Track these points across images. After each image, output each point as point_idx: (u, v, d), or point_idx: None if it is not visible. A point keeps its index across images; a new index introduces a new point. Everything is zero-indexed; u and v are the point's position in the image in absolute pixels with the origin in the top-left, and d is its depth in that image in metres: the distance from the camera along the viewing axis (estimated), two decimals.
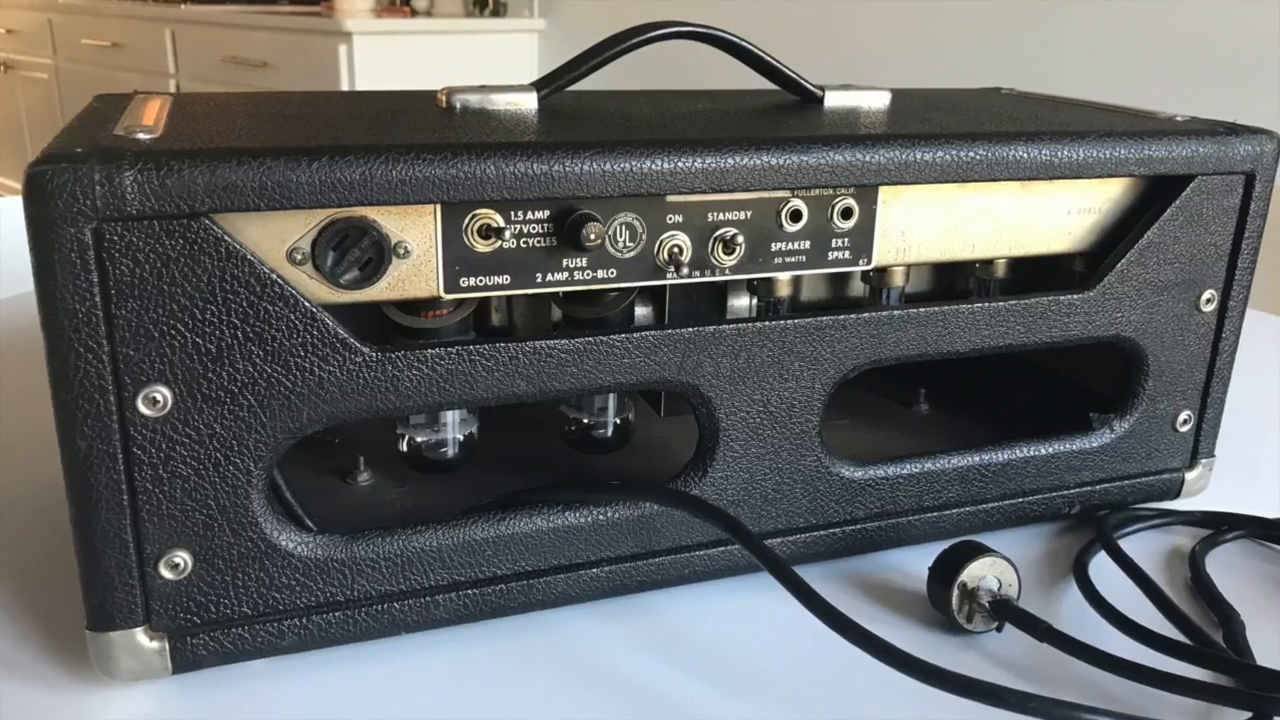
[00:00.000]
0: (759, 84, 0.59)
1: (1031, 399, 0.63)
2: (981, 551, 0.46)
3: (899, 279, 0.53)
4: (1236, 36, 1.65)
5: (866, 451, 0.53)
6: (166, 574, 0.40)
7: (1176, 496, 0.58)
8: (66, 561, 0.49)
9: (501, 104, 0.50)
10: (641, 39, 0.51)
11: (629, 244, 0.44)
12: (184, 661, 0.41)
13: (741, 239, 0.45)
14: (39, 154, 0.36)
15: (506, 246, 0.42)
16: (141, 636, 0.40)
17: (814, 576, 0.46)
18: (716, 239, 0.45)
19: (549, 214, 0.42)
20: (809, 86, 0.56)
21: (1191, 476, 0.58)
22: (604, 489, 0.48)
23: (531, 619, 0.47)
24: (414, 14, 2.90)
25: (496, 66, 2.77)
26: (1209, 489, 0.59)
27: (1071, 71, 1.87)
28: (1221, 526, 0.55)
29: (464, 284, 0.42)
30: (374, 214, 0.40)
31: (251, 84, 2.82)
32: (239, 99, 0.52)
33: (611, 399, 0.53)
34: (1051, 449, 0.54)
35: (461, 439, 0.51)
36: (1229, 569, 0.52)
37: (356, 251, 0.40)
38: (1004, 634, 0.46)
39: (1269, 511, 0.57)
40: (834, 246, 0.47)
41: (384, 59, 2.60)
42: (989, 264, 0.55)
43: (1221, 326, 0.55)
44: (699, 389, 0.46)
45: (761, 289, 0.51)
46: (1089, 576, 0.49)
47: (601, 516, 0.46)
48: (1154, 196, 0.53)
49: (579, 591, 0.47)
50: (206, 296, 0.37)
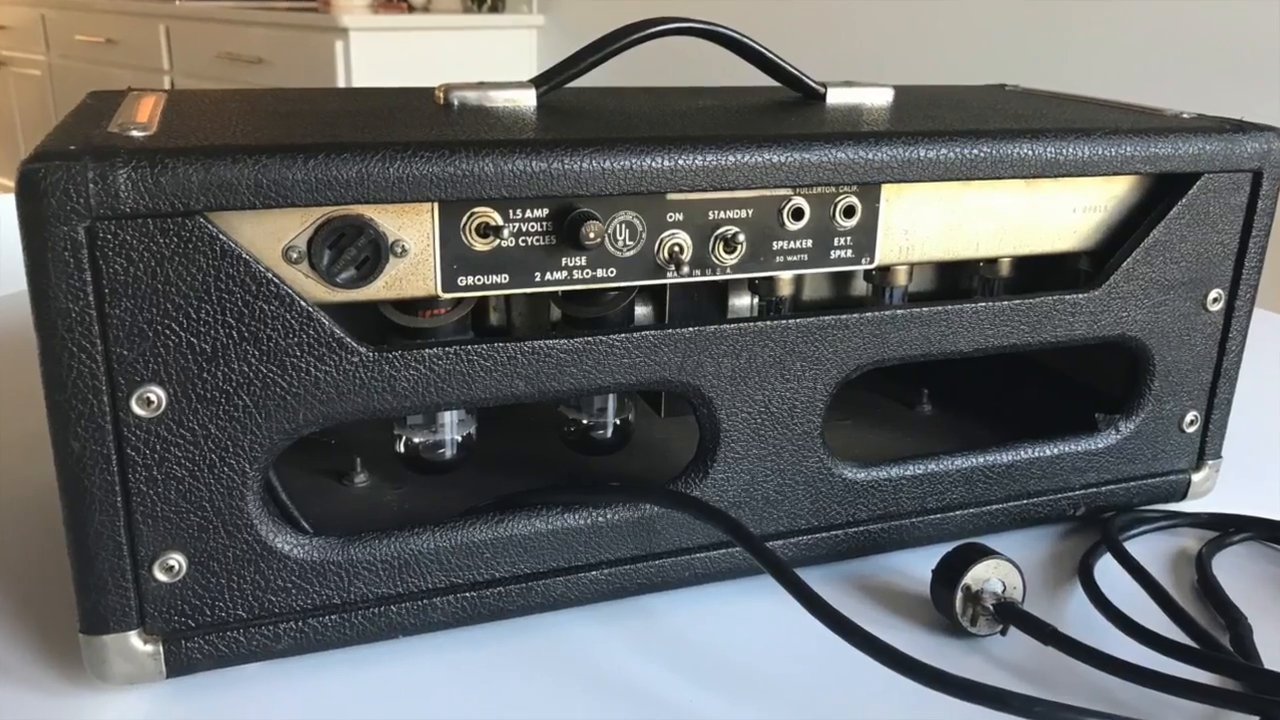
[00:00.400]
0: (760, 81, 0.59)
1: (1036, 399, 0.63)
2: (985, 554, 0.46)
3: (902, 278, 0.53)
4: (1244, 32, 1.65)
5: (869, 453, 0.53)
6: (161, 576, 0.40)
7: (1183, 498, 0.58)
8: (60, 563, 0.49)
9: (500, 101, 0.50)
10: (641, 35, 0.51)
11: (629, 243, 0.44)
12: (178, 665, 0.41)
13: (743, 237, 0.45)
14: (32, 152, 0.36)
15: (505, 245, 0.42)
16: (135, 640, 0.40)
17: (816, 579, 0.46)
18: (717, 237, 0.45)
19: (548, 212, 0.42)
20: (811, 83, 0.56)
21: (1198, 478, 0.58)
22: (604, 490, 0.48)
23: (530, 622, 0.47)
24: (411, 10, 2.90)
25: (495, 63, 2.77)
26: (1216, 490, 0.59)
27: (1076, 68, 1.87)
28: (1228, 528, 0.55)
29: (462, 283, 0.42)
30: (371, 212, 0.40)
31: (247, 81, 2.82)
32: (234, 96, 0.52)
33: (611, 399, 0.53)
34: (1056, 450, 0.54)
35: (459, 440, 0.51)
36: (1236, 571, 0.52)
37: (353, 250, 0.40)
38: (1008, 637, 0.46)
39: (1276, 513, 0.57)
40: (836, 245, 0.47)
41: (381, 55, 2.60)
42: (993, 263, 0.55)
43: (1228, 326, 0.55)
44: (700, 389, 0.46)
45: (763, 288, 0.51)
46: (1094, 579, 0.49)
47: (601, 518, 0.46)
48: (1160, 194, 0.53)
49: (578, 594, 0.47)
50: (201, 296, 0.38)
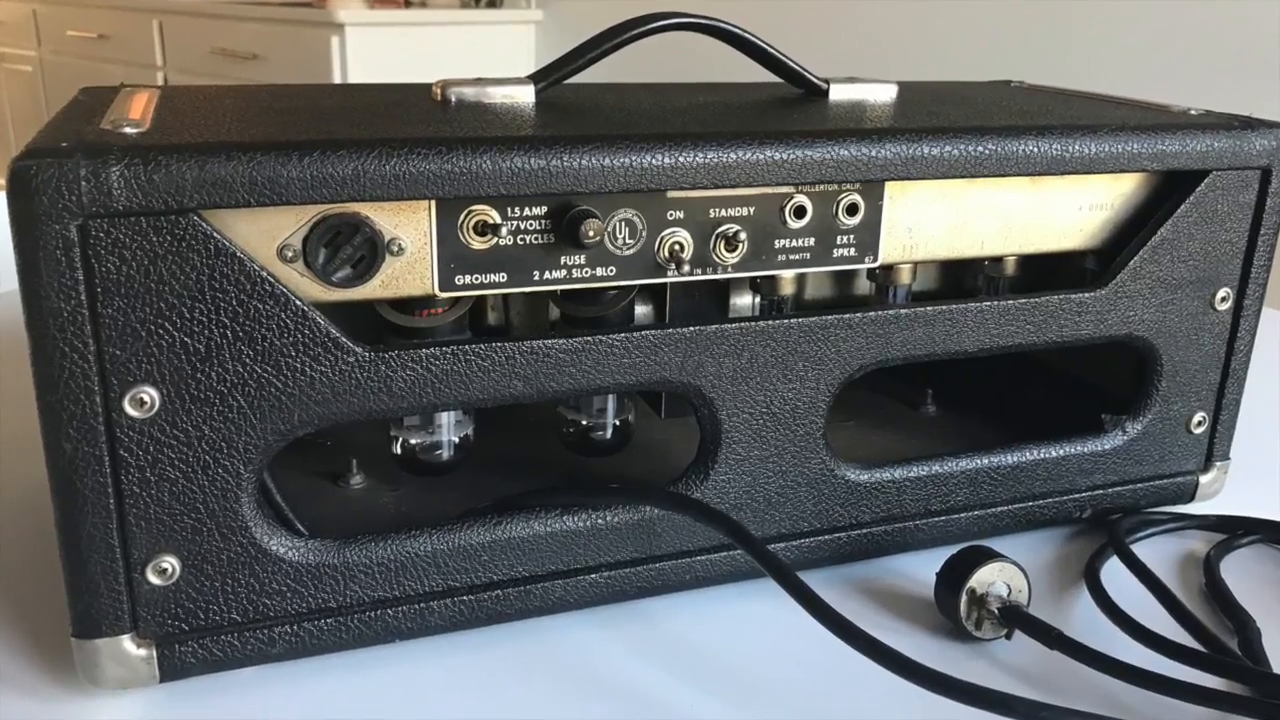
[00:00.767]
0: (762, 77, 0.59)
1: (1042, 400, 0.63)
2: (990, 556, 0.46)
3: (906, 277, 0.53)
4: (1252, 28, 1.65)
5: (872, 454, 0.53)
6: (154, 580, 0.40)
7: (1191, 500, 0.58)
8: (52, 566, 0.49)
9: (498, 97, 0.50)
10: (641, 30, 0.51)
11: (629, 241, 0.44)
12: (172, 669, 0.41)
13: (744, 236, 0.45)
14: (23, 149, 0.36)
15: (503, 243, 0.42)
16: (128, 644, 0.40)
17: (818, 582, 0.46)
18: (718, 236, 0.45)
19: (547, 210, 0.42)
20: (813, 79, 0.56)
21: (1206, 479, 0.58)
22: (603, 492, 0.48)
23: (529, 626, 0.47)
24: (408, 5, 2.89)
25: (493, 59, 2.77)
26: (1224, 492, 0.59)
27: (1083, 64, 1.87)
28: (1237, 531, 0.55)
29: (459, 282, 0.42)
30: (367, 210, 0.40)
31: (241, 77, 2.82)
32: (228, 92, 0.52)
33: (611, 400, 0.53)
34: (1062, 451, 0.54)
35: (457, 441, 0.51)
36: (1244, 574, 0.52)
37: (349, 249, 0.40)
38: (1014, 641, 0.46)
39: None
40: (839, 244, 0.47)
41: (377, 51, 2.60)
42: (998, 261, 0.55)
43: (1237, 325, 0.55)
44: (700, 390, 0.46)
45: (765, 287, 0.51)
46: (1101, 582, 0.49)
47: (600, 520, 0.46)
48: (1168, 192, 0.53)
49: (577, 597, 0.47)
50: (195, 295, 0.37)
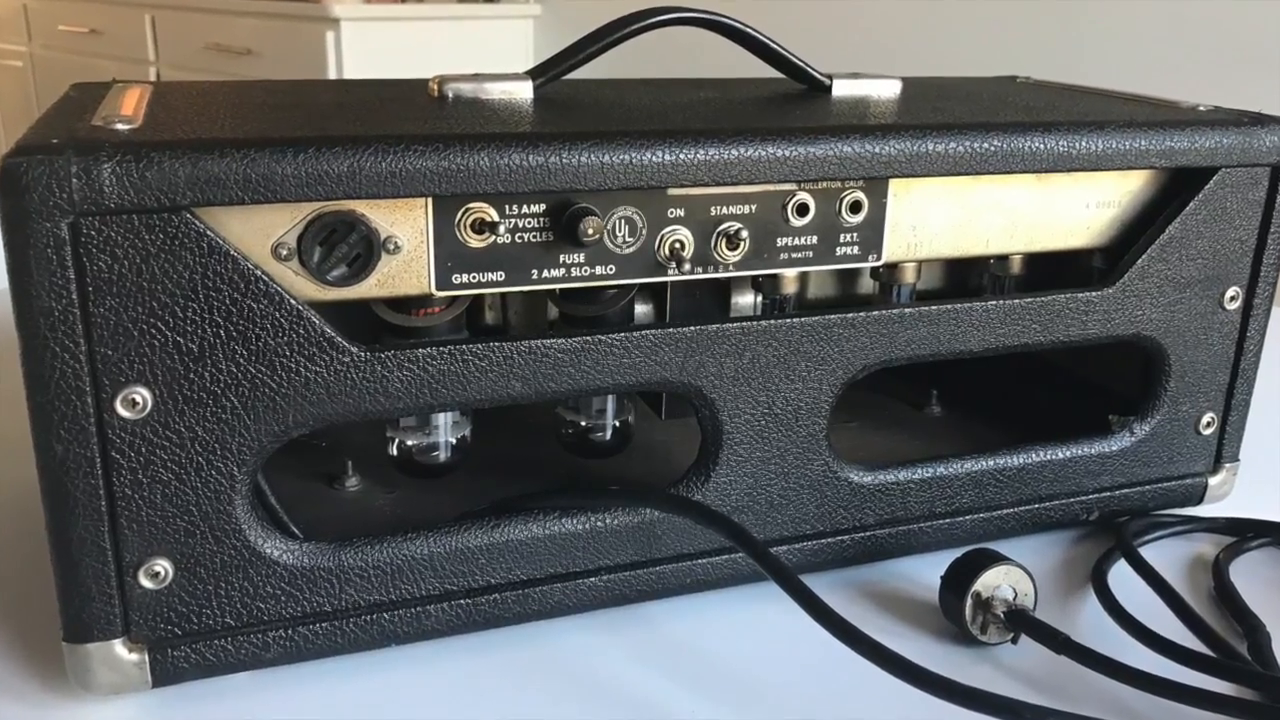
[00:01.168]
0: (764, 72, 0.59)
1: (1048, 401, 0.63)
2: (996, 560, 0.46)
3: (910, 275, 0.53)
4: (1262, 23, 1.65)
5: (876, 455, 0.53)
6: (146, 583, 0.40)
7: (1199, 502, 0.58)
8: (42, 569, 0.49)
9: (496, 93, 0.50)
10: (641, 25, 0.51)
11: (629, 239, 0.44)
12: (164, 674, 0.41)
13: (746, 234, 0.45)
14: (13, 145, 0.36)
15: (501, 241, 0.42)
16: (120, 648, 0.40)
17: (821, 586, 0.46)
18: (720, 234, 0.45)
19: (545, 207, 0.42)
20: (816, 75, 0.56)
21: (1215, 481, 0.58)
22: (602, 494, 0.48)
23: (527, 630, 0.47)
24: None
25: (490, 54, 2.77)
26: (1233, 494, 0.59)
27: (1090, 59, 1.87)
28: (1246, 534, 0.55)
29: (456, 281, 0.42)
30: (362, 208, 0.40)
31: (235, 72, 2.82)
32: (222, 88, 0.52)
33: (610, 401, 0.53)
34: (1069, 453, 0.54)
35: (454, 442, 0.51)
36: (1254, 578, 0.52)
37: (344, 247, 0.40)
38: (1020, 646, 0.46)
39: None
40: (842, 242, 0.47)
41: (373, 46, 2.60)
42: (1004, 260, 0.55)
43: (1246, 325, 0.55)
44: (701, 390, 0.46)
45: (767, 286, 0.51)
46: (1108, 586, 0.49)
47: (600, 523, 0.46)
48: (1176, 190, 0.53)
49: (576, 601, 0.47)
50: (188, 294, 0.37)
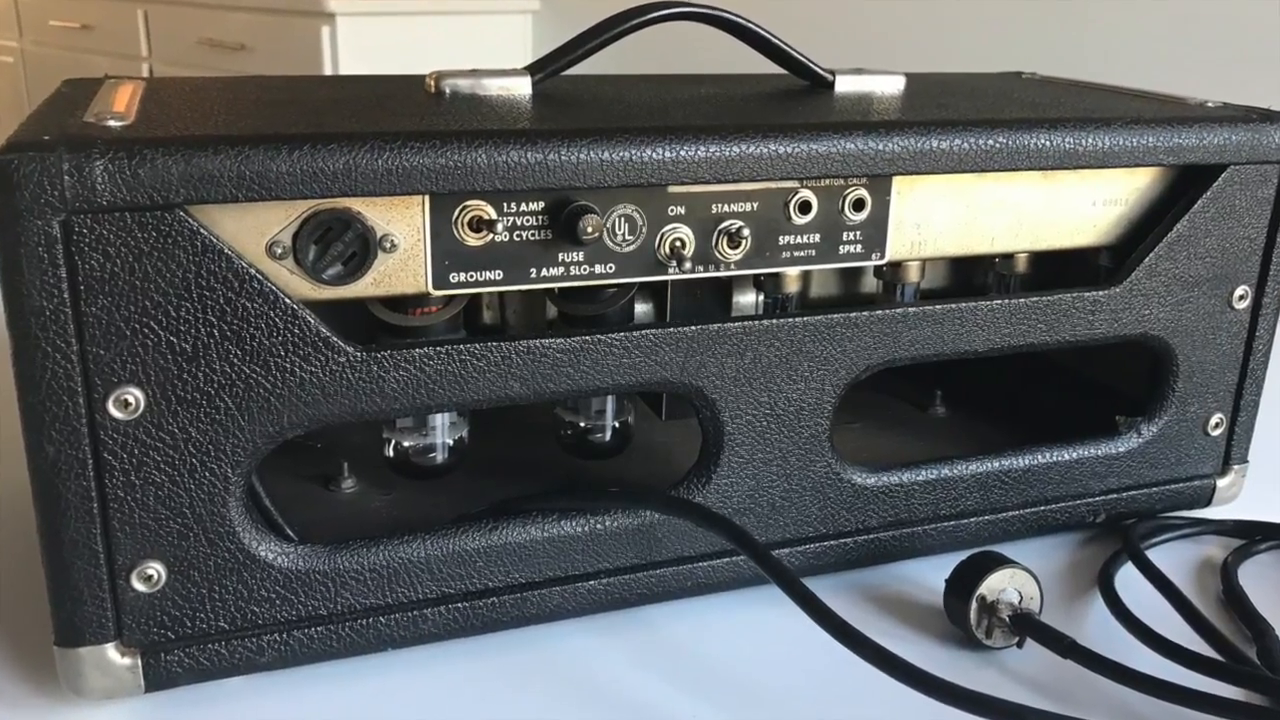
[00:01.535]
0: (766, 68, 0.59)
1: (1054, 401, 0.63)
2: (1001, 562, 0.46)
3: (914, 274, 0.53)
4: (1272, 17, 1.65)
5: (880, 457, 0.53)
6: (139, 586, 0.40)
7: (1208, 504, 0.58)
8: (34, 572, 0.49)
9: (494, 89, 0.50)
10: (642, 20, 0.51)
11: (628, 237, 0.44)
12: (158, 679, 0.41)
13: (747, 232, 0.45)
14: (4, 142, 0.36)
15: (499, 240, 0.42)
16: (112, 652, 0.40)
17: (824, 589, 0.46)
18: (721, 232, 0.45)
19: (544, 205, 0.42)
20: (818, 71, 0.56)
21: (1223, 483, 0.58)
22: (602, 496, 0.48)
23: (525, 634, 0.47)
24: None
25: (488, 50, 2.77)
26: (1242, 496, 0.59)
27: (1096, 55, 1.87)
28: (1255, 536, 0.55)
29: (454, 279, 0.42)
30: (358, 205, 0.40)
31: (229, 68, 2.82)
32: (215, 84, 0.52)
33: (610, 401, 0.53)
34: (1075, 454, 0.54)
35: (451, 444, 0.51)
36: (1263, 581, 0.52)
37: (340, 245, 0.40)
38: (1025, 650, 0.46)
39: None
40: (845, 240, 0.47)
41: (369, 41, 2.60)
42: (1009, 258, 0.55)
43: (1255, 324, 0.55)
44: (702, 391, 0.46)
45: (768, 285, 0.51)
46: (1115, 589, 0.49)
47: (599, 525, 0.46)
48: (1184, 187, 0.53)
49: (576, 605, 0.47)
50: (181, 293, 0.37)
